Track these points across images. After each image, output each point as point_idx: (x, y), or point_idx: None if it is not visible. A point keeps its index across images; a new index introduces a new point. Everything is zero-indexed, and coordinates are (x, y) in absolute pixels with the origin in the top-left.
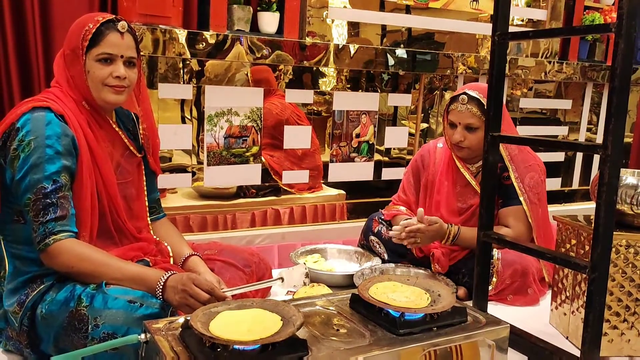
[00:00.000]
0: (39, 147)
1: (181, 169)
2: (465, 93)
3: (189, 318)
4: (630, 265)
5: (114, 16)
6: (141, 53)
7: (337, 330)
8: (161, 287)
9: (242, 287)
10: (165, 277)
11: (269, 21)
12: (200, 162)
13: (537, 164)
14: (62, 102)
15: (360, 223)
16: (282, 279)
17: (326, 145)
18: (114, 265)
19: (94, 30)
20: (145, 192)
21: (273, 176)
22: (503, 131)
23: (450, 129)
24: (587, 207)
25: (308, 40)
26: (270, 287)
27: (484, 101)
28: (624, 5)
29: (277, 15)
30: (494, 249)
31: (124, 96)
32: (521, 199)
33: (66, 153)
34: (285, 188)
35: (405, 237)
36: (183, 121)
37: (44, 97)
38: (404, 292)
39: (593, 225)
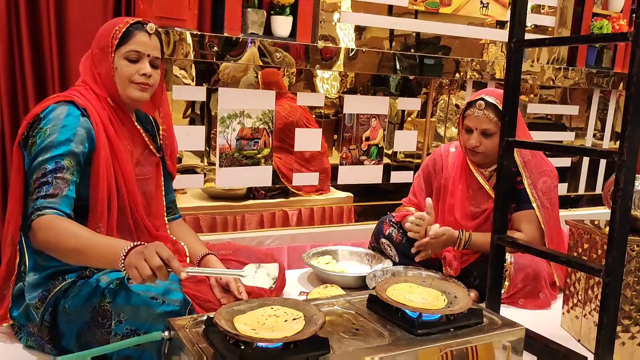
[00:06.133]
0: (53, 134)
1: (191, 170)
2: (482, 98)
3: (212, 316)
4: None
5: (142, 19)
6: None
7: (357, 329)
8: (124, 253)
9: (203, 271)
10: (135, 244)
11: (282, 25)
12: (211, 164)
13: (550, 170)
14: (85, 98)
15: (369, 226)
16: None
17: (334, 148)
18: (82, 236)
19: (123, 29)
20: (163, 192)
21: (281, 178)
22: (518, 137)
23: (466, 134)
24: (593, 212)
25: (320, 44)
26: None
27: (501, 107)
28: None
29: (290, 19)
30: (507, 253)
31: (148, 94)
32: (534, 204)
33: (77, 142)
34: (294, 190)
35: (416, 249)
36: (195, 122)
37: (68, 93)
38: (420, 294)
39: (608, 229)
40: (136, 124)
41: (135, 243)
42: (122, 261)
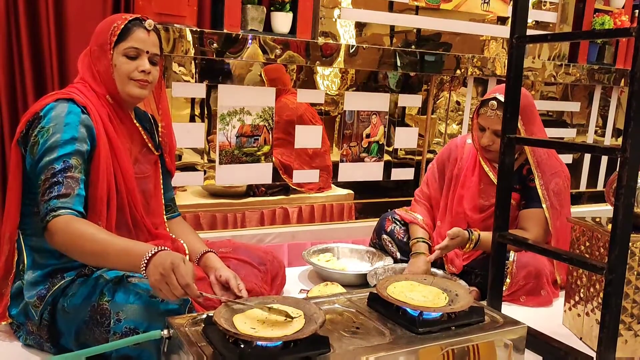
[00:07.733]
0: (56, 133)
1: (191, 167)
2: (495, 98)
3: (212, 314)
4: None
5: (140, 15)
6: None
7: (357, 328)
8: (145, 262)
9: (217, 296)
10: (150, 254)
11: (282, 21)
12: (210, 161)
13: (562, 170)
14: (85, 95)
15: (370, 223)
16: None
17: (334, 145)
18: (101, 239)
19: (122, 26)
20: (162, 190)
21: (282, 175)
22: (534, 134)
23: (480, 132)
24: (595, 209)
25: (320, 41)
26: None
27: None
28: None
29: (290, 15)
30: (511, 251)
31: (147, 91)
32: (544, 204)
33: (82, 139)
34: (295, 187)
35: (440, 252)
36: (194, 120)
37: (67, 91)
38: (421, 292)
39: (611, 227)
40: (135, 121)
41: (155, 250)
42: (144, 269)
